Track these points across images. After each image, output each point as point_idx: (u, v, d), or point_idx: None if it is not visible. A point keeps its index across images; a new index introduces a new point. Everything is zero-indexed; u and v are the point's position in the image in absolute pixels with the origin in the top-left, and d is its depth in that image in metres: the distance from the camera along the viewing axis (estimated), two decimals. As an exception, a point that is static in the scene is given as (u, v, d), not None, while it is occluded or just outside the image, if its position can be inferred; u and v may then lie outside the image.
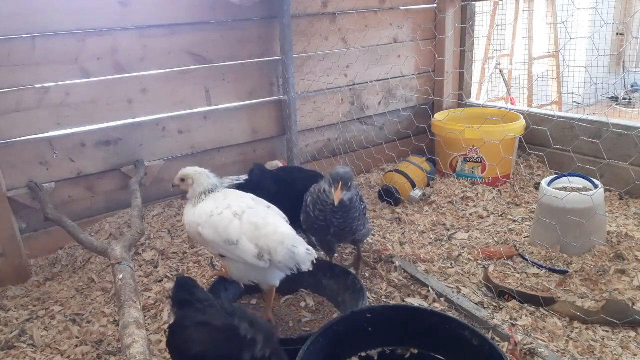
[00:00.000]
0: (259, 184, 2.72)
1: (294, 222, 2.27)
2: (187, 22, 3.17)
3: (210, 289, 2.21)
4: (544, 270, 2.53)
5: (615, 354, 1.94)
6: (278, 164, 3.37)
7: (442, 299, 2.33)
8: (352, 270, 2.47)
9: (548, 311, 2.21)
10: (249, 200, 2.18)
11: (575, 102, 6.58)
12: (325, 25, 3.70)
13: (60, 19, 2.78)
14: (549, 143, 3.16)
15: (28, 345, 2.19)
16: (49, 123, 2.90)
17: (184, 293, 1.70)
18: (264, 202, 2.21)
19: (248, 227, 2.02)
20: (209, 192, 2.23)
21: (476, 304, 2.26)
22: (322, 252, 2.62)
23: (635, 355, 1.93)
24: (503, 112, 3.81)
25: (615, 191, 3.27)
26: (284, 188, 2.70)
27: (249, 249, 1.99)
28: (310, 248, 1.98)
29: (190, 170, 2.30)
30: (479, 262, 2.67)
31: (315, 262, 1.98)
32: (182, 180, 2.30)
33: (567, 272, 2.48)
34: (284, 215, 2.19)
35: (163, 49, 3.13)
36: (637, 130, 3.19)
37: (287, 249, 1.94)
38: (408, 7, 4.05)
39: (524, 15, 6.13)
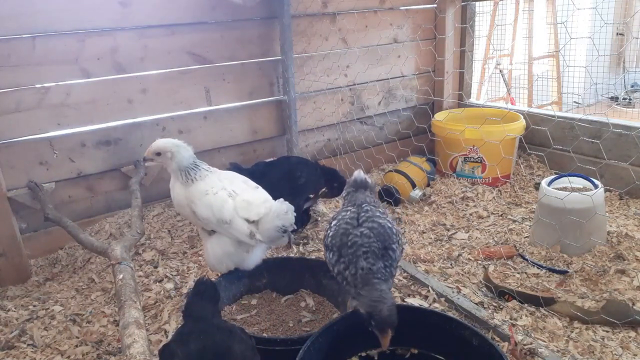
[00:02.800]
0: None
1: None
2: (187, 22, 3.17)
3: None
4: (544, 270, 2.53)
5: (615, 354, 1.94)
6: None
7: (442, 299, 2.33)
8: None
9: (548, 311, 2.21)
10: (241, 182, 2.35)
11: (575, 102, 6.58)
12: (325, 25, 3.70)
13: (60, 19, 2.78)
14: (549, 143, 3.16)
15: (28, 345, 2.18)
16: (49, 123, 2.90)
17: (193, 302, 1.66)
18: (252, 184, 2.38)
19: (241, 204, 2.20)
20: (197, 168, 2.29)
21: (476, 304, 2.26)
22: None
23: (635, 355, 1.93)
24: (503, 112, 3.81)
25: (615, 191, 3.27)
26: (260, 182, 2.73)
27: (242, 228, 2.17)
28: (290, 207, 2.21)
29: (167, 143, 2.27)
30: (479, 262, 2.67)
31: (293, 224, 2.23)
32: (158, 154, 2.29)
33: (567, 272, 2.48)
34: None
35: (163, 49, 3.13)
36: (637, 130, 3.19)
37: (273, 212, 2.18)
38: (408, 7, 4.05)
39: (524, 15, 6.13)
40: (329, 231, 1.98)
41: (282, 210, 2.18)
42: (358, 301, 1.76)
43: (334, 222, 1.99)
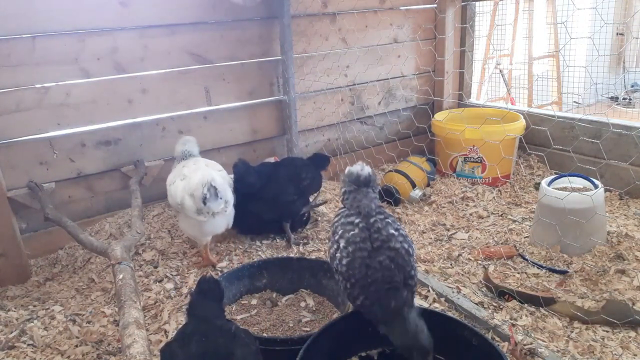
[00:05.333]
0: (243, 179, 2.83)
1: (277, 215, 2.90)
2: (187, 22, 3.17)
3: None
4: (544, 270, 2.53)
5: (615, 354, 1.94)
6: (271, 160, 3.39)
7: (442, 299, 2.33)
8: None
9: (548, 311, 2.21)
10: (202, 164, 2.65)
11: (575, 102, 6.58)
12: (325, 25, 3.70)
13: (60, 19, 2.78)
14: (549, 143, 3.17)
15: (28, 345, 2.18)
16: (49, 123, 2.90)
17: (196, 301, 1.64)
18: (217, 166, 2.73)
19: (186, 181, 2.51)
20: (178, 161, 2.77)
21: (476, 304, 2.26)
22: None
23: (635, 355, 1.93)
24: (503, 112, 3.81)
25: (615, 191, 3.27)
26: (267, 182, 2.87)
27: (189, 206, 2.47)
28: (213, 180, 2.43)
29: (180, 138, 2.88)
30: (479, 262, 2.67)
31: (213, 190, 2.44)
32: None
33: (567, 272, 2.48)
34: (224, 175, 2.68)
35: (163, 49, 3.13)
36: (637, 130, 3.19)
37: (199, 180, 2.43)
38: (408, 7, 4.05)
39: (524, 15, 6.13)
40: (337, 253, 1.75)
41: (204, 178, 2.42)
42: (389, 333, 1.68)
43: (342, 243, 1.73)
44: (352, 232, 1.73)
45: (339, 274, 1.77)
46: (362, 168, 1.89)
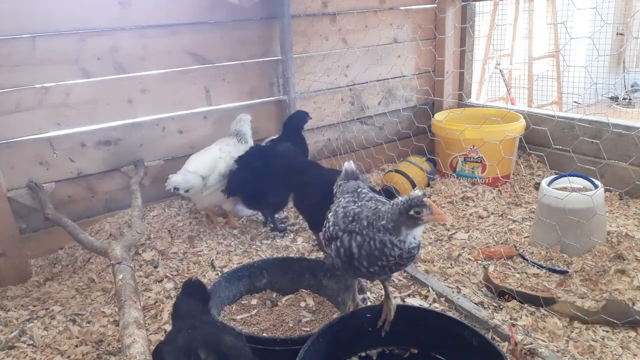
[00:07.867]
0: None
1: (267, 204, 3.05)
2: (187, 22, 3.17)
3: (211, 289, 2.20)
4: (544, 270, 2.53)
5: (615, 354, 1.94)
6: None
7: (442, 299, 2.33)
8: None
9: (548, 311, 2.21)
10: (209, 152, 3.07)
11: (575, 102, 6.58)
12: (325, 25, 3.70)
13: (60, 19, 2.79)
14: (549, 143, 3.16)
15: (28, 345, 2.18)
16: (49, 123, 2.90)
17: (181, 301, 1.67)
18: (227, 149, 3.09)
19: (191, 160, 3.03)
20: (229, 136, 3.23)
21: (476, 304, 2.26)
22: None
23: (635, 355, 1.93)
24: (503, 112, 3.81)
25: (615, 191, 3.27)
26: (259, 170, 2.92)
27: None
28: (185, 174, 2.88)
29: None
30: (479, 262, 2.67)
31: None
32: None
33: (567, 272, 2.48)
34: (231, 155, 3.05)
35: (163, 49, 3.13)
36: (637, 130, 3.19)
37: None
38: (408, 7, 4.05)
39: (524, 15, 6.13)
40: (326, 224, 1.80)
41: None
42: (391, 222, 1.63)
43: (330, 215, 1.82)
44: (338, 204, 1.84)
45: (329, 240, 1.76)
46: (349, 165, 2.08)
